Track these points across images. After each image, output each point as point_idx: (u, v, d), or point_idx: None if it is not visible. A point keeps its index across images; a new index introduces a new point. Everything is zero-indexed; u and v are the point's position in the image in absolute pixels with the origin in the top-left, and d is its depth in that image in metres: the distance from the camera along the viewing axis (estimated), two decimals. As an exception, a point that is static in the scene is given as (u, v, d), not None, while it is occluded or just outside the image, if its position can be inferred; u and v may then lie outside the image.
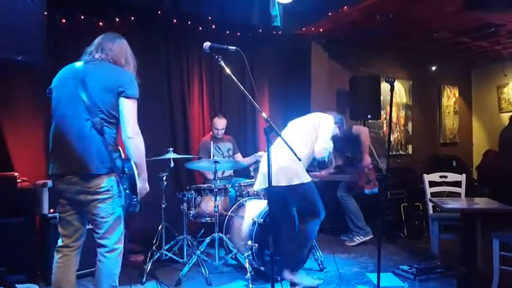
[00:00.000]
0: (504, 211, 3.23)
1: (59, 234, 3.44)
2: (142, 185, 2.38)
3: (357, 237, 4.76)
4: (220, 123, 4.69)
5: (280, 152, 3.04)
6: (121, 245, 2.36)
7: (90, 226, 2.38)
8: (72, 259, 2.41)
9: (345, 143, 4.78)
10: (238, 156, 4.88)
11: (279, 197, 3.21)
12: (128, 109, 2.27)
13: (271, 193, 2.61)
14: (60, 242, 2.41)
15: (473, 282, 3.26)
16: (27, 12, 2.01)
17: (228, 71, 2.21)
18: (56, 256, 2.39)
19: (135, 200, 2.33)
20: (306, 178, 3.28)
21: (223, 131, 4.74)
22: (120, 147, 2.37)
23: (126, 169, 2.30)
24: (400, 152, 6.88)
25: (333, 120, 3.51)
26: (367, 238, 4.74)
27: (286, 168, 3.19)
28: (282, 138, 2.31)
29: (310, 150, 3.39)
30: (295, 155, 2.31)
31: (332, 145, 3.44)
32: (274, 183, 3.01)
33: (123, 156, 2.35)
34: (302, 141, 3.35)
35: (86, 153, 2.22)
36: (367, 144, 4.64)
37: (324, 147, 3.35)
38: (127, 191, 2.30)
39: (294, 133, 3.42)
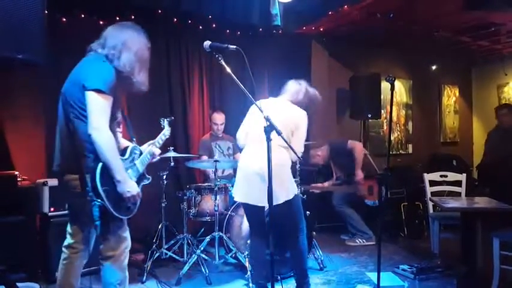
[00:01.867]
0: (504, 210, 3.23)
1: (59, 232, 3.48)
2: (121, 188, 2.14)
3: (359, 240, 4.75)
4: (219, 118, 4.70)
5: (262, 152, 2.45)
6: (113, 253, 2.23)
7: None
8: (75, 263, 2.38)
9: (339, 157, 4.83)
10: (239, 156, 4.87)
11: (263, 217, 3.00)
12: (90, 103, 2.09)
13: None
14: (65, 241, 2.43)
15: (473, 282, 3.27)
16: (28, 12, 2.01)
17: (228, 70, 2.21)
18: (62, 256, 2.41)
19: (98, 202, 2.04)
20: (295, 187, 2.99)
21: (222, 127, 4.74)
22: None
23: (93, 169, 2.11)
24: (401, 151, 6.88)
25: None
26: (369, 243, 4.72)
27: (278, 176, 2.65)
28: (283, 138, 2.29)
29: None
30: (296, 154, 2.28)
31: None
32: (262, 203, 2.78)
33: None
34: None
35: (63, 152, 2.24)
36: (360, 159, 4.68)
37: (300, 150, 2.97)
38: (90, 193, 2.05)
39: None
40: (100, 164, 2.08)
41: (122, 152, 2.35)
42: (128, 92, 2.53)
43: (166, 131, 2.92)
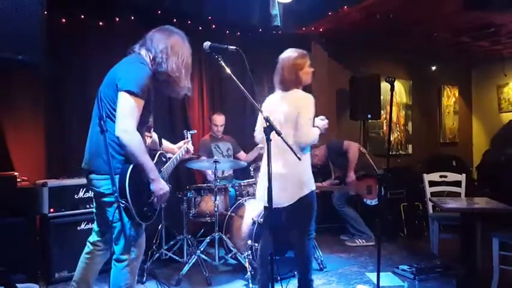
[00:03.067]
0: (504, 211, 3.23)
1: (59, 233, 3.49)
2: (155, 186, 2.18)
3: (359, 240, 4.75)
4: (219, 119, 4.71)
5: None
6: (128, 257, 2.19)
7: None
8: (95, 259, 2.40)
9: (336, 157, 4.84)
10: (242, 155, 4.87)
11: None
12: (119, 103, 2.10)
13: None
14: (91, 237, 2.44)
15: (472, 282, 3.26)
16: (28, 12, 2.01)
17: (228, 70, 2.21)
18: (85, 249, 2.41)
19: (122, 204, 2.03)
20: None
21: (222, 128, 4.74)
22: None
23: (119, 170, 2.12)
24: (400, 151, 6.89)
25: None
26: (369, 244, 4.71)
27: (289, 177, 2.75)
28: (282, 138, 2.29)
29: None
30: (296, 154, 2.29)
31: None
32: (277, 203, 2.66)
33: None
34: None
35: (91, 150, 2.24)
36: (354, 161, 4.68)
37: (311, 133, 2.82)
38: (116, 194, 2.00)
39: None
40: (131, 166, 2.11)
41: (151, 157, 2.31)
42: (169, 96, 2.61)
43: (189, 145, 2.90)
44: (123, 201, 2.04)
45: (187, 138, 2.94)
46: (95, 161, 2.19)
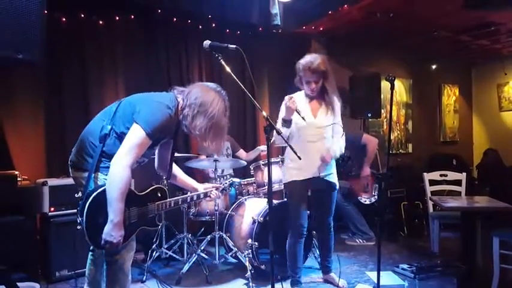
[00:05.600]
0: (504, 210, 3.23)
1: (59, 232, 3.49)
2: (107, 228, 1.96)
3: (359, 240, 4.75)
4: None
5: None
6: (116, 258, 2.16)
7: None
8: (99, 259, 2.34)
9: (351, 150, 4.78)
10: (241, 153, 4.86)
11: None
12: (130, 134, 2.06)
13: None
14: None
15: (473, 281, 3.27)
16: (28, 11, 2.00)
17: (228, 69, 2.21)
18: (90, 248, 2.35)
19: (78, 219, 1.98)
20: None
21: None
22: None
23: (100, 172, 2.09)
24: (400, 150, 6.88)
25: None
26: (369, 243, 4.71)
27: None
28: (283, 138, 2.31)
29: None
30: (297, 154, 2.30)
31: None
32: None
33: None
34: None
35: (78, 146, 2.22)
36: (372, 156, 4.63)
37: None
38: (78, 207, 1.98)
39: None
40: (101, 189, 2.01)
41: (144, 188, 2.29)
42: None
43: (215, 192, 2.67)
44: (79, 220, 1.99)
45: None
46: (80, 158, 2.18)
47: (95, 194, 2.00)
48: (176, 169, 2.61)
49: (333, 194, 3.30)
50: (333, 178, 3.26)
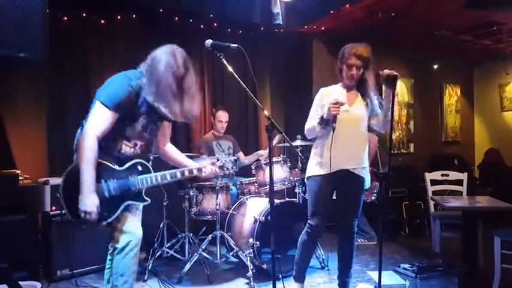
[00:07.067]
0: (505, 209, 3.22)
1: (60, 231, 3.50)
2: (80, 200, 2.09)
3: (360, 239, 4.74)
4: (224, 116, 4.71)
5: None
6: (118, 245, 2.23)
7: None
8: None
9: None
10: (240, 155, 4.88)
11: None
12: (92, 110, 2.19)
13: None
14: None
15: (474, 281, 3.26)
16: (30, 10, 2.01)
17: (230, 68, 2.21)
18: None
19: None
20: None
21: (226, 124, 4.74)
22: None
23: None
24: (402, 150, 6.87)
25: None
26: (371, 243, 4.71)
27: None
28: (284, 136, 2.31)
29: None
30: (298, 154, 2.30)
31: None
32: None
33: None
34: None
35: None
36: (373, 153, 4.61)
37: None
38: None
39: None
40: (72, 166, 2.18)
41: (123, 162, 2.31)
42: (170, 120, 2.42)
43: (210, 167, 2.61)
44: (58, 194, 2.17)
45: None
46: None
47: (67, 170, 2.17)
48: (173, 148, 2.65)
49: (360, 193, 2.99)
50: (364, 173, 2.97)
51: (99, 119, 2.15)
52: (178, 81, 2.21)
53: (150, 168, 2.40)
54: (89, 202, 2.08)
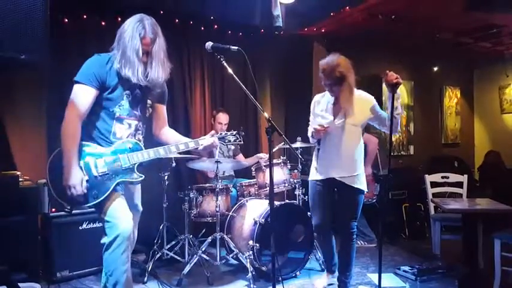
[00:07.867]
0: (505, 212, 3.23)
1: (60, 233, 3.50)
2: (64, 175, 2.20)
3: (360, 241, 4.73)
4: (224, 117, 4.71)
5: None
6: (105, 240, 2.22)
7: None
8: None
9: None
10: (241, 157, 4.88)
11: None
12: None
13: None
14: None
15: (474, 283, 3.26)
16: (31, 12, 2.01)
17: (230, 70, 2.22)
18: None
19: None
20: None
21: (226, 126, 4.75)
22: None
23: None
24: (402, 152, 6.87)
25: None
26: (371, 245, 4.70)
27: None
28: (284, 138, 2.31)
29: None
30: (299, 156, 2.31)
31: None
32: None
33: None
34: None
35: None
36: (373, 155, 4.62)
37: None
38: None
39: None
40: (57, 150, 2.26)
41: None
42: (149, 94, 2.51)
43: (209, 139, 2.74)
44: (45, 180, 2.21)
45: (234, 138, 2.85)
46: None
47: (52, 154, 2.28)
48: (172, 131, 2.73)
49: (354, 196, 3.08)
50: (355, 181, 3.05)
51: (76, 96, 2.26)
52: (145, 47, 2.31)
53: (142, 146, 2.44)
54: (72, 175, 2.16)
